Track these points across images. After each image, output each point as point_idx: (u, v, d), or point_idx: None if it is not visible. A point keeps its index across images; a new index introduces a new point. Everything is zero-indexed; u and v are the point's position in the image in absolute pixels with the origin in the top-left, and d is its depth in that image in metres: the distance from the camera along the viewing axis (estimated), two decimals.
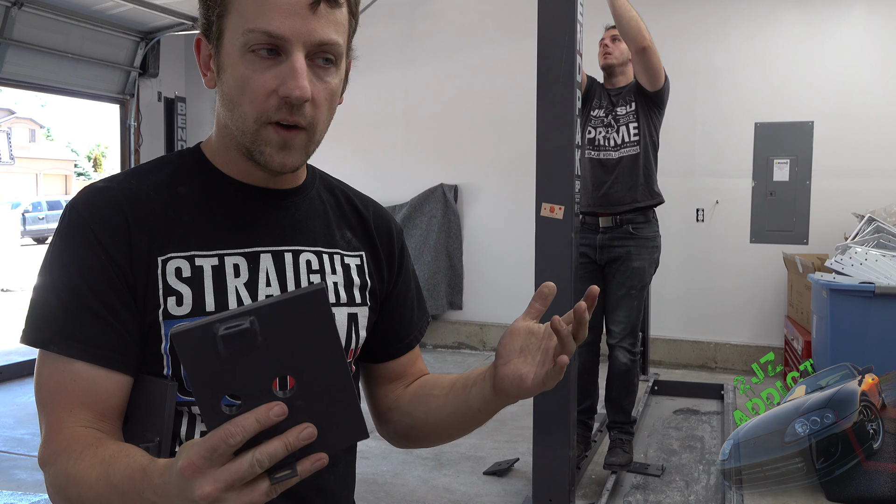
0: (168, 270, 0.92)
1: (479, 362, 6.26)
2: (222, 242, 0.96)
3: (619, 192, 3.51)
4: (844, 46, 5.54)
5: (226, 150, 1.00)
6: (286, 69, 0.87)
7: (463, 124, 6.62)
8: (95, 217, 0.91)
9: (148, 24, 6.71)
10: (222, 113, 0.96)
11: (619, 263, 3.51)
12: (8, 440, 4.22)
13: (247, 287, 0.96)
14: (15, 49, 5.85)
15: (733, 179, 5.84)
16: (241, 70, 0.88)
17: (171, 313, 0.91)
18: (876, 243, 4.43)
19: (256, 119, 0.89)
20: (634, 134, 3.52)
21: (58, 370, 0.89)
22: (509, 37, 6.33)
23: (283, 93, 0.87)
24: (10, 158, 30.08)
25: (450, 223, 6.64)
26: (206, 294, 0.93)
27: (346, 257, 1.05)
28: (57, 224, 0.94)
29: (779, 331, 5.76)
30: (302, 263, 1.00)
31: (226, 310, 0.88)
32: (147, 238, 0.92)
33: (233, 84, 0.90)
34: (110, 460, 0.82)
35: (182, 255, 0.93)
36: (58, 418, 0.89)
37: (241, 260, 0.96)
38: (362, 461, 3.86)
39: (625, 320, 3.51)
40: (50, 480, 0.88)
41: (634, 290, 3.51)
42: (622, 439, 3.58)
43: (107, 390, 0.90)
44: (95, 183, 0.96)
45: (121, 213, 0.92)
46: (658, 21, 5.90)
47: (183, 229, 0.94)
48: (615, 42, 3.58)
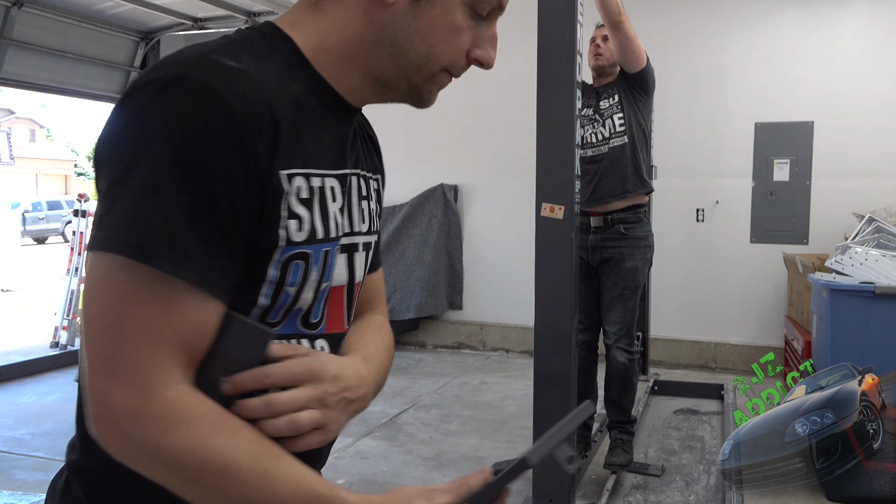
0: (292, 188, 0.80)
1: (479, 362, 6.27)
2: (326, 161, 0.87)
3: (609, 184, 3.49)
4: (844, 46, 5.54)
5: (347, 63, 0.88)
6: (488, 36, 0.93)
7: (463, 124, 6.62)
8: (242, 109, 0.74)
9: (148, 24, 6.71)
10: (386, 35, 0.86)
11: (611, 264, 3.51)
12: (8, 440, 4.22)
13: (341, 213, 0.90)
14: (15, 49, 5.85)
15: (733, 179, 5.84)
16: (458, 19, 0.89)
17: (293, 239, 0.81)
18: (876, 243, 4.43)
19: (444, 66, 0.91)
20: (620, 124, 3.51)
21: (156, 294, 0.71)
22: (509, 36, 6.31)
23: (480, 57, 0.93)
24: (10, 158, 30.08)
25: (450, 223, 6.64)
26: (316, 220, 0.84)
27: (373, 181, 1.03)
28: (162, 98, 0.73)
29: (779, 331, 5.76)
30: (360, 188, 0.96)
31: (332, 237, 0.86)
32: (272, 144, 0.78)
33: (440, 26, 0.88)
34: (268, 465, 0.73)
35: (301, 171, 0.82)
36: (155, 363, 0.72)
37: (335, 183, 0.88)
38: (362, 461, 3.86)
39: (620, 321, 3.52)
40: (152, 447, 0.72)
41: (628, 290, 3.51)
42: (622, 439, 3.58)
43: (210, 329, 0.75)
44: (219, 58, 0.77)
45: (268, 109, 0.77)
46: (658, 21, 5.91)
47: (301, 140, 0.82)
48: (606, 42, 3.58)
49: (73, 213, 7.15)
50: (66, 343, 6.71)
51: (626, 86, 3.51)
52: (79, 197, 7.22)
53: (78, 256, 6.92)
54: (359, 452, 4.01)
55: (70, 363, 6.14)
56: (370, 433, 4.34)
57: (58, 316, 6.87)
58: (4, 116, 33.64)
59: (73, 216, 7.09)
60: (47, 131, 39.84)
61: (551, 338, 2.97)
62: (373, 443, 4.18)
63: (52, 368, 5.95)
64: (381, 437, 4.28)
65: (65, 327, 6.76)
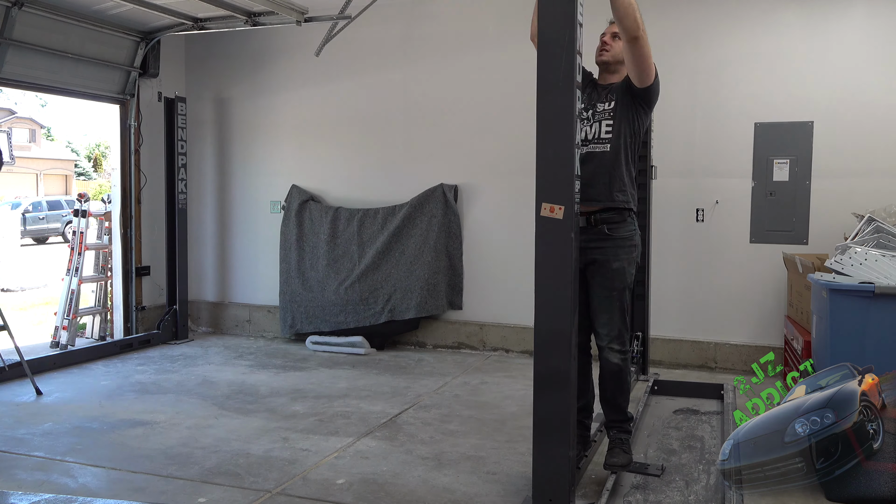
0: None
1: (479, 362, 6.27)
2: None
3: (589, 189, 3.38)
4: (844, 46, 5.54)
5: None
6: None
7: (463, 124, 6.63)
8: None
9: (148, 24, 6.71)
10: None
11: (598, 266, 3.48)
12: (8, 440, 4.22)
13: None
14: (15, 49, 5.85)
15: (733, 179, 5.84)
16: None
17: None
18: (876, 243, 4.43)
19: None
20: (606, 132, 3.46)
21: None
22: (509, 37, 6.33)
23: None
24: (11, 158, 30.04)
25: (450, 223, 6.64)
26: None
27: None
28: None
29: (779, 331, 5.76)
30: None
31: None
32: None
33: None
34: None
35: None
36: None
37: None
38: (362, 461, 3.86)
39: (610, 322, 3.50)
40: None
41: (616, 291, 3.49)
42: (621, 439, 3.58)
43: None
44: None
45: None
46: (659, 21, 5.91)
47: None
48: (615, 39, 3.56)
49: (73, 213, 7.15)
50: (66, 343, 6.71)
51: (629, 96, 3.47)
52: (79, 197, 7.23)
53: (78, 256, 6.92)
54: (359, 452, 4.01)
55: (70, 363, 6.14)
56: (370, 433, 4.35)
57: (58, 316, 6.88)
58: (4, 116, 33.61)
59: (74, 216, 7.10)
60: (47, 131, 39.80)
61: (551, 338, 2.97)
62: (373, 443, 4.18)
63: (52, 368, 5.95)
64: (381, 437, 4.28)
65: (65, 327, 6.77)
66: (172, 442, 4.18)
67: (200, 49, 7.60)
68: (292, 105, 7.28)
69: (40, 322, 8.64)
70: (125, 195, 7.08)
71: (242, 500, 3.38)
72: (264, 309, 7.47)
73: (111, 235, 7.15)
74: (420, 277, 6.57)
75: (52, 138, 40.58)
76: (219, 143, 7.63)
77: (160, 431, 4.38)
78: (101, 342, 6.90)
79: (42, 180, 34.94)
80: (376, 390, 5.34)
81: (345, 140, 7.09)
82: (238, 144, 7.55)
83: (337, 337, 6.77)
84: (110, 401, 5.07)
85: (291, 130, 7.32)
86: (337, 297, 6.80)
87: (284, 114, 7.32)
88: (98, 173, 39.73)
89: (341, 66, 6.95)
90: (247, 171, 7.54)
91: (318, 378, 5.73)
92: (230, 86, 7.53)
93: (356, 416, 4.68)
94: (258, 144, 7.46)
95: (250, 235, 7.55)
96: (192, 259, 7.54)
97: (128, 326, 7.13)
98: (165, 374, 5.83)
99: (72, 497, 3.34)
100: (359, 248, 6.81)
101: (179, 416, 4.70)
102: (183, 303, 7.19)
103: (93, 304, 7.33)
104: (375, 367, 6.09)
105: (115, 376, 5.78)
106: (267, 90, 7.37)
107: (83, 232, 6.99)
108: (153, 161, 7.21)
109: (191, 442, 4.19)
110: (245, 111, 7.49)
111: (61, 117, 50.12)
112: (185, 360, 6.34)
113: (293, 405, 4.95)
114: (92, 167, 40.79)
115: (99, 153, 40.96)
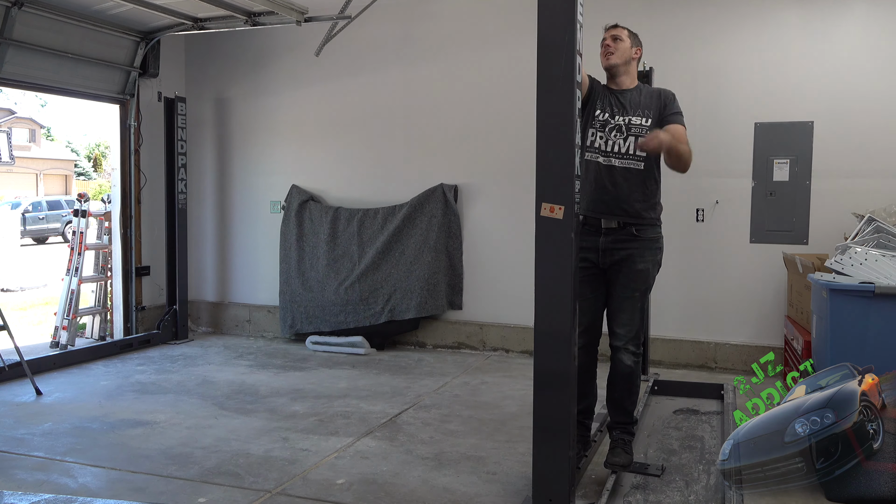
0: None
1: (479, 362, 6.27)
2: None
3: (622, 204, 3.45)
4: (844, 46, 5.54)
5: None
6: None
7: (463, 124, 6.63)
8: None
9: (148, 24, 6.71)
10: None
11: (622, 266, 3.47)
12: (8, 440, 4.22)
13: None
14: (15, 49, 5.85)
15: (733, 179, 5.84)
16: None
17: None
18: (876, 243, 4.43)
19: None
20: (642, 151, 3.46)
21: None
22: (509, 37, 6.34)
23: None
24: (11, 158, 30.05)
25: (450, 223, 6.64)
26: None
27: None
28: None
29: (779, 331, 5.76)
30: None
31: None
32: None
33: None
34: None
35: None
36: None
37: None
38: (362, 461, 3.86)
39: (629, 323, 3.49)
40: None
41: (638, 292, 3.49)
42: (624, 439, 3.57)
43: None
44: None
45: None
46: (659, 21, 5.91)
47: None
48: (616, 42, 3.55)
49: (73, 213, 7.15)
50: (66, 343, 6.71)
51: (659, 117, 3.54)
52: (79, 197, 7.23)
53: (78, 256, 6.92)
54: (359, 452, 4.01)
55: (70, 363, 6.14)
56: (370, 433, 4.35)
57: (58, 316, 6.87)
58: (4, 116, 33.61)
59: (73, 216, 7.09)
60: (47, 131, 39.80)
61: (551, 338, 2.97)
62: (373, 443, 4.18)
63: (52, 368, 5.95)
64: (381, 436, 4.28)
65: (65, 327, 6.77)
66: (172, 442, 4.18)
67: (200, 49, 7.60)
68: (292, 105, 7.28)
69: (40, 322, 8.65)
70: (125, 195, 7.07)
71: (242, 500, 3.38)
72: (264, 309, 7.47)
73: (111, 235, 7.15)
74: (420, 277, 6.57)
75: (52, 138, 40.56)
76: (219, 143, 7.63)
77: (160, 431, 4.38)
78: (101, 342, 6.90)
79: (42, 180, 34.93)
80: (376, 390, 5.34)
81: (345, 140, 7.09)
82: (238, 144, 7.55)
83: (337, 337, 6.77)
84: (110, 401, 5.07)
85: (291, 130, 7.32)
86: (337, 297, 6.80)
87: (284, 114, 7.32)
88: (98, 173, 39.73)
89: (341, 66, 6.95)
90: (247, 171, 7.54)
91: (318, 378, 5.73)
92: (230, 86, 7.53)
93: (356, 416, 4.68)
94: (258, 144, 7.46)
95: (250, 235, 7.55)
96: (191, 259, 7.55)
97: (128, 326, 7.13)
98: (165, 374, 5.83)
99: (72, 497, 3.33)
100: (359, 248, 6.81)
101: (179, 416, 4.70)
102: (183, 303, 7.19)
103: (93, 304, 7.33)
104: (375, 367, 6.09)
105: (114, 376, 5.78)
106: (267, 90, 7.37)
107: (83, 232, 6.98)
108: (153, 161, 7.21)
109: (191, 442, 4.19)
110: (245, 111, 7.49)
111: (61, 117, 50.12)
112: (185, 360, 6.34)
113: (293, 405, 4.95)
114: (92, 167, 40.78)
115: (99, 153, 40.95)
